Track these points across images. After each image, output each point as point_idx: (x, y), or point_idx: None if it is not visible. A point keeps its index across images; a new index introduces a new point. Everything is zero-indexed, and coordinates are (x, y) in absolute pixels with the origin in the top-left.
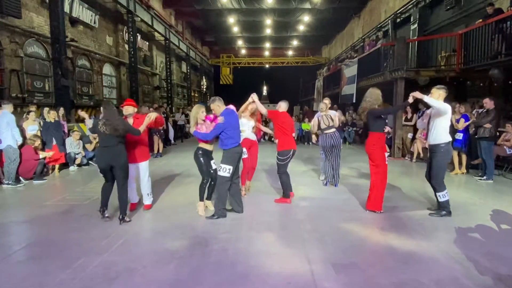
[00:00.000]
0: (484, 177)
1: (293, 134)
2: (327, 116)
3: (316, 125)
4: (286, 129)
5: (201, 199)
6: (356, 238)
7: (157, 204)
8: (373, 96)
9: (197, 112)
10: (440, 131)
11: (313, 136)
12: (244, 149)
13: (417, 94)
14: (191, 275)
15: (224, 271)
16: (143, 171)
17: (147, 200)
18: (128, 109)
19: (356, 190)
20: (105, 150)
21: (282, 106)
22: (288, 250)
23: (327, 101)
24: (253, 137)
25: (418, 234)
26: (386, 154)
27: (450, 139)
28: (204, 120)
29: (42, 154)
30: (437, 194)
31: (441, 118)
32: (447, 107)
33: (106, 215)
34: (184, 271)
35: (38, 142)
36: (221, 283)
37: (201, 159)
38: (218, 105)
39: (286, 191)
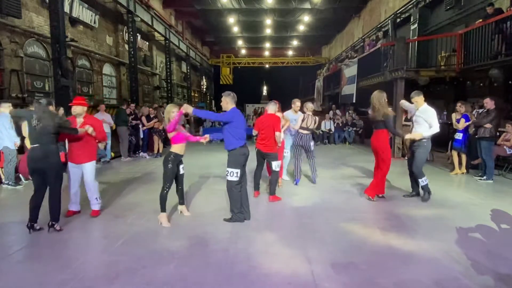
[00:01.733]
0: (484, 177)
1: (279, 135)
2: (312, 118)
3: (301, 121)
4: (261, 132)
5: (163, 210)
6: (356, 238)
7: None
8: (380, 100)
9: (169, 111)
10: (423, 129)
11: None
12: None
13: (415, 136)
14: (191, 275)
15: (224, 271)
16: (87, 173)
17: (95, 206)
18: (76, 109)
19: (356, 190)
20: (36, 149)
21: (268, 108)
22: (288, 250)
23: (299, 103)
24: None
25: (418, 234)
26: None
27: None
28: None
29: None
30: (419, 180)
31: (422, 120)
32: (435, 119)
33: (37, 227)
34: (184, 271)
35: None
36: (221, 283)
37: (170, 165)
38: (226, 101)
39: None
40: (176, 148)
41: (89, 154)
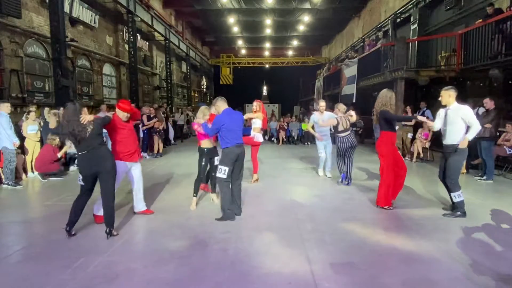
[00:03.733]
0: (484, 177)
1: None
2: (346, 118)
3: (334, 124)
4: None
5: (195, 195)
6: (356, 238)
7: (157, 204)
8: (383, 99)
9: (205, 113)
10: (458, 131)
11: (317, 135)
12: None
13: (464, 144)
14: (191, 275)
15: (224, 271)
16: (140, 170)
17: (144, 205)
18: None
19: (357, 190)
20: (88, 155)
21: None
22: (288, 250)
23: (323, 103)
24: (257, 137)
25: (418, 234)
26: None
27: None
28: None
29: (60, 154)
30: (452, 194)
31: (458, 119)
32: (474, 116)
33: (73, 232)
34: (184, 271)
35: (57, 141)
36: (221, 283)
37: (203, 158)
38: (218, 105)
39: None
40: (203, 142)
41: (138, 151)
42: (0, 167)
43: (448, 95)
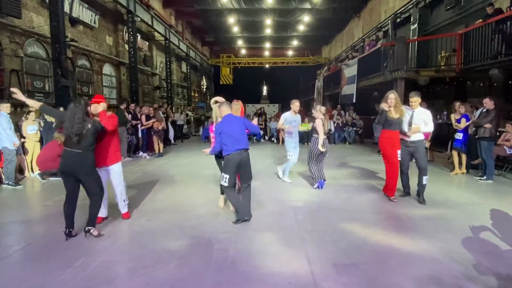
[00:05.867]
0: (484, 177)
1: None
2: (328, 120)
3: (322, 127)
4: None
5: (222, 193)
6: (356, 238)
7: (157, 204)
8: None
9: (216, 111)
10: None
11: (287, 127)
12: None
13: (416, 129)
14: (191, 275)
15: (224, 271)
16: (116, 174)
17: (124, 208)
18: (98, 107)
19: (356, 190)
20: (69, 153)
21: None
22: (288, 250)
23: (298, 103)
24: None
25: (418, 234)
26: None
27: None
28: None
29: None
30: (424, 177)
31: (421, 121)
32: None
33: (74, 234)
34: (184, 271)
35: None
36: (221, 283)
37: (220, 158)
38: (221, 110)
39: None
40: None
41: (116, 155)
42: (0, 167)
43: (419, 101)
